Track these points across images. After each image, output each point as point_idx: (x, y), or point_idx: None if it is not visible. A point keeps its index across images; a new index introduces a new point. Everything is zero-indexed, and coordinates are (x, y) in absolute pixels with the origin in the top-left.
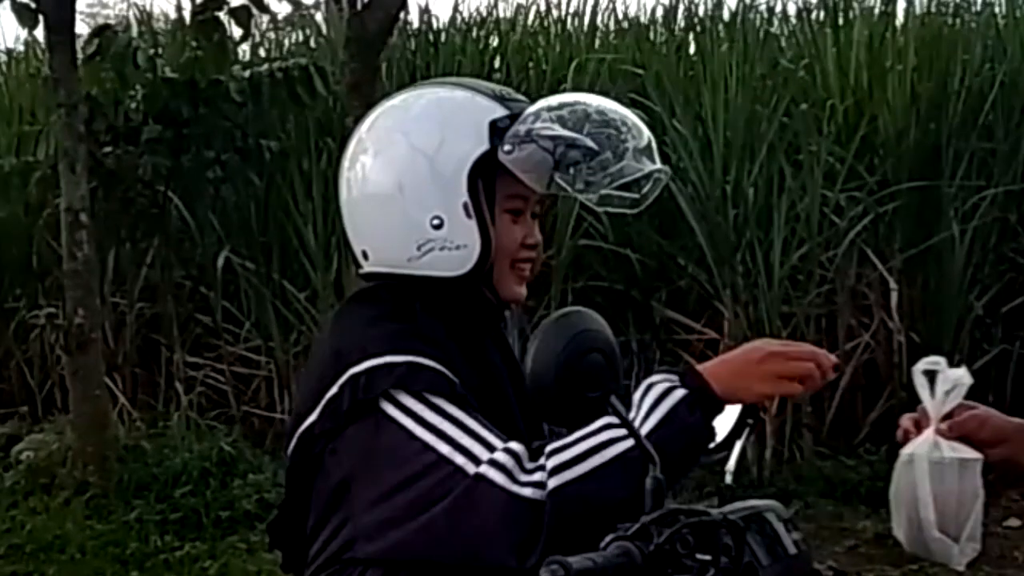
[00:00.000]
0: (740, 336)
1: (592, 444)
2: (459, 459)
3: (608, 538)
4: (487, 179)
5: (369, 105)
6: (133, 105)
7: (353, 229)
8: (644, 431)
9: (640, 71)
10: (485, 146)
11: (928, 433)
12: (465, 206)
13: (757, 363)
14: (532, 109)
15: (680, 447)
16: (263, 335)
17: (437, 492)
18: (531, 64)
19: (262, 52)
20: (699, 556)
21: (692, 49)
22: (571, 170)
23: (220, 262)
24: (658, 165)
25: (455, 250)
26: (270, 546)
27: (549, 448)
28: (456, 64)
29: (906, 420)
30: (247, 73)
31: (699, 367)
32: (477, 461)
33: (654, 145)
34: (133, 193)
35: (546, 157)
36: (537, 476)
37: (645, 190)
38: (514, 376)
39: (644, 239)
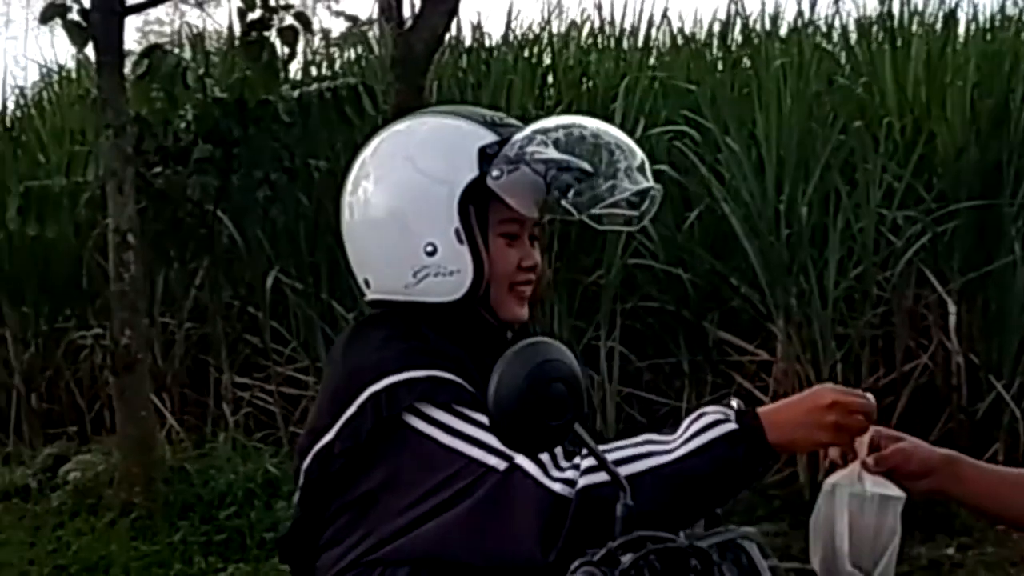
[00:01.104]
0: (793, 357)
1: (629, 454)
2: (492, 460)
3: (575, 564)
4: (480, 204)
5: None
6: (183, 125)
7: (354, 256)
8: (679, 454)
9: (693, 87)
10: (474, 173)
11: (854, 466)
12: (457, 232)
13: (820, 411)
14: (521, 134)
15: (711, 479)
16: (311, 356)
17: (469, 491)
18: (584, 80)
19: (313, 71)
20: None
21: (747, 64)
22: (568, 193)
23: (269, 282)
24: (651, 183)
25: (449, 276)
26: (280, 560)
27: (585, 452)
28: (507, 82)
29: (834, 451)
30: (296, 93)
31: (760, 409)
32: (510, 457)
33: (647, 164)
34: (182, 213)
35: (536, 180)
36: (569, 474)
37: (643, 208)
38: None
39: (696, 259)
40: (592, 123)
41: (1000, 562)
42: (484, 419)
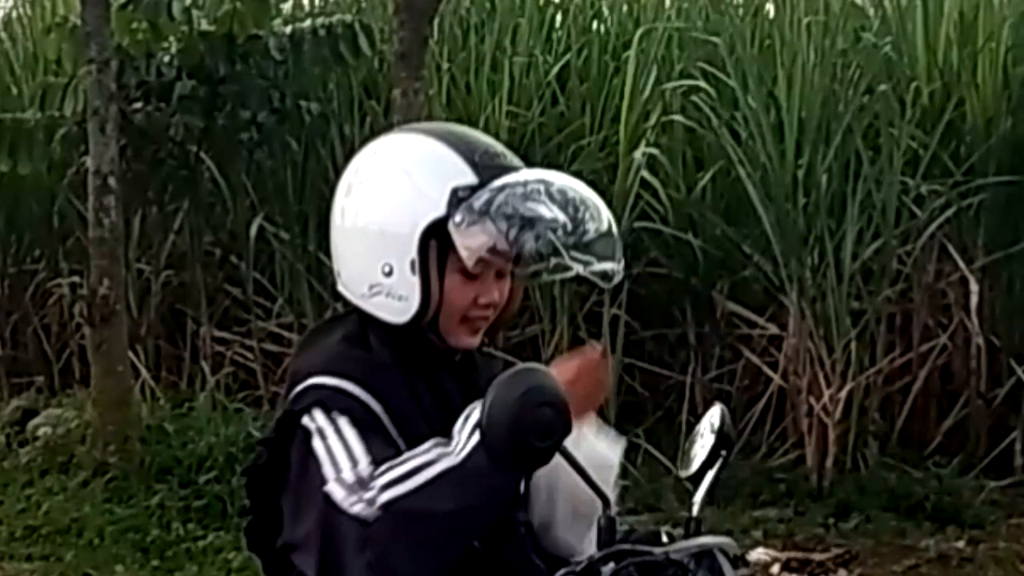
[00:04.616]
0: (806, 333)
1: (421, 461)
2: (330, 472)
3: (558, 573)
4: (443, 240)
5: (416, 76)
6: (166, 59)
7: (334, 249)
8: (464, 453)
9: (713, 39)
10: (440, 212)
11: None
12: (412, 263)
13: (574, 386)
14: (493, 184)
15: (496, 470)
16: (296, 311)
17: (314, 505)
18: (594, 26)
19: (306, 3)
20: None
21: (771, 14)
22: (525, 248)
23: (253, 231)
24: (612, 264)
25: (397, 300)
26: (248, 548)
27: (383, 467)
28: (513, 25)
29: None
30: (288, 29)
31: None
32: (329, 480)
33: (614, 228)
34: (163, 153)
35: (497, 234)
36: (368, 495)
37: (609, 271)
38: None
39: (707, 224)
40: (561, 179)
41: (1011, 557)
42: (350, 433)
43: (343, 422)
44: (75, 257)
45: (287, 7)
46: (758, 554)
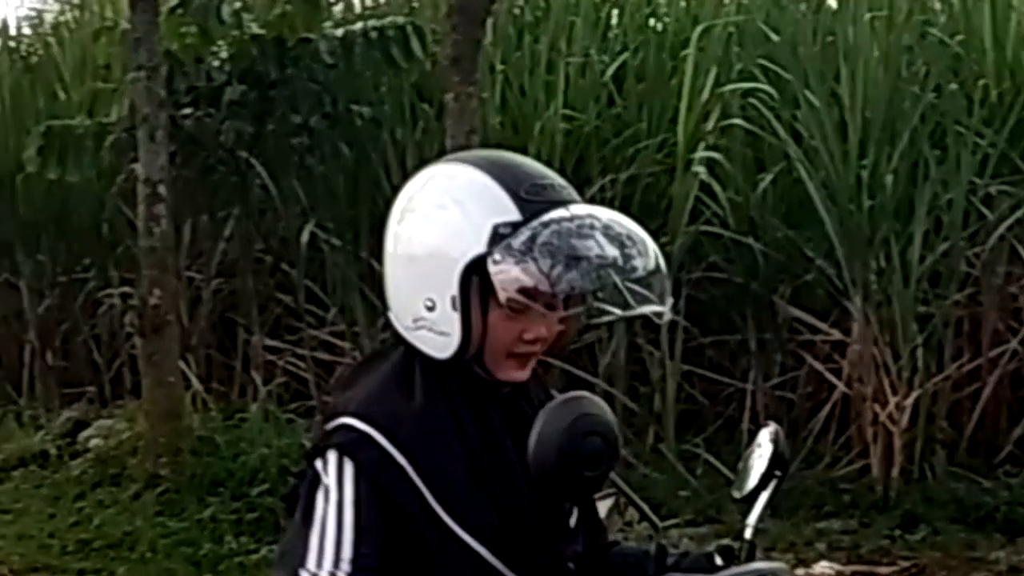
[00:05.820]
0: (871, 339)
1: None
2: (311, 556)
3: None
4: (486, 274)
5: (469, 81)
6: (216, 64)
7: (385, 277)
8: None
9: (773, 34)
10: (482, 248)
11: None
12: (453, 299)
13: None
14: (535, 221)
15: None
16: (348, 319)
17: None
18: (652, 23)
19: (356, 5)
20: None
21: (834, 8)
22: (568, 286)
23: (304, 237)
24: (660, 306)
25: (439, 335)
26: None
27: None
28: (568, 24)
29: None
30: (339, 32)
31: None
32: (307, 565)
33: (663, 265)
34: (213, 160)
35: (538, 275)
36: None
37: (657, 313)
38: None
39: (768, 227)
40: (607, 214)
41: None
42: (348, 509)
43: (349, 490)
44: (125, 265)
45: (338, 10)
46: (822, 567)
